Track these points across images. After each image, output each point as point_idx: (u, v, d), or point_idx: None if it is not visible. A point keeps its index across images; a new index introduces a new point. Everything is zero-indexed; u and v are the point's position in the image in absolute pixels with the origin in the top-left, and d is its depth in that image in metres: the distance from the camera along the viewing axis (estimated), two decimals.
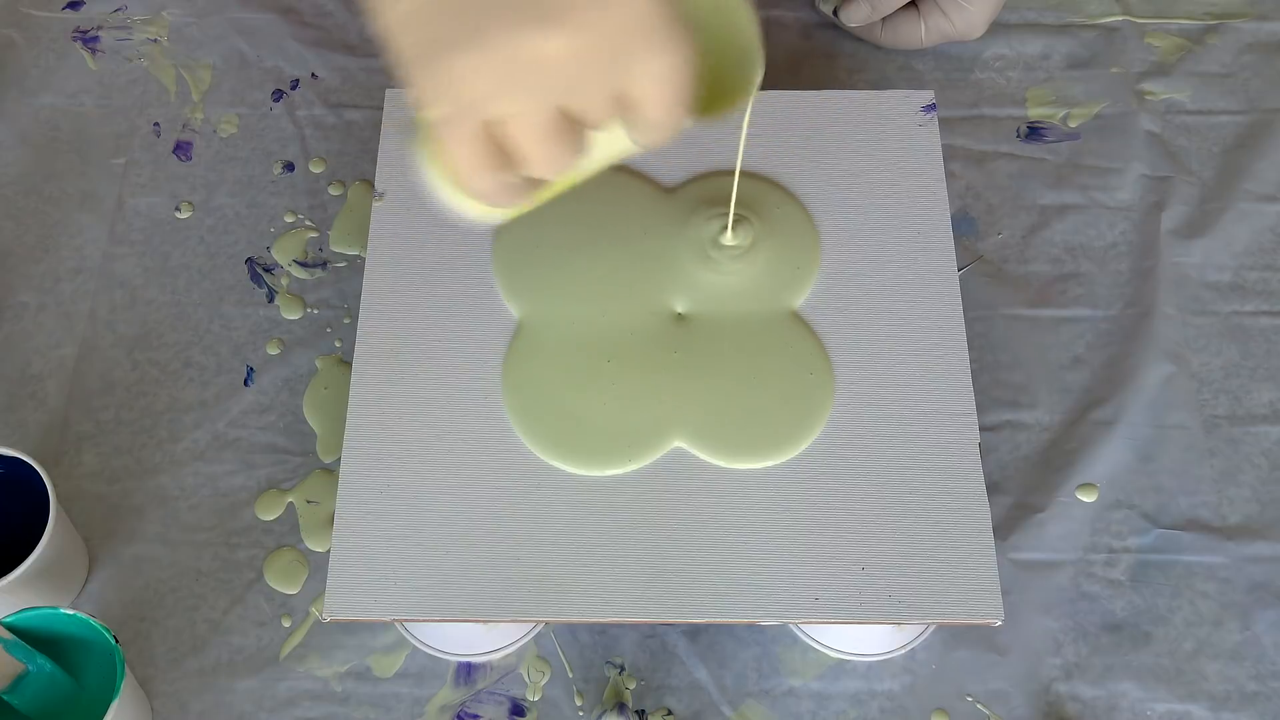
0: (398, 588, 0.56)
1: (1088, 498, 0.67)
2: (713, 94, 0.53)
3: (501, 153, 0.46)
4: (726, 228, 0.64)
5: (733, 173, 0.67)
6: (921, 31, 0.78)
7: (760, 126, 0.68)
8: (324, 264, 0.74)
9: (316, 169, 0.77)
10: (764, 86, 0.69)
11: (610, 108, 0.45)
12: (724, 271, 0.64)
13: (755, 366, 0.62)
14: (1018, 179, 0.76)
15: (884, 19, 0.79)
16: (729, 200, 0.64)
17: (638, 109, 0.45)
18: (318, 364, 0.71)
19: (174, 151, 0.78)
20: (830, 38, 0.82)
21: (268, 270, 0.73)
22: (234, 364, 0.71)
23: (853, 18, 0.79)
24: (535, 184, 0.48)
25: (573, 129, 0.45)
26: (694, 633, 0.64)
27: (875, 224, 0.65)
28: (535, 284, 0.64)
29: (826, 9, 0.81)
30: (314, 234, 0.75)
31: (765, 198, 0.66)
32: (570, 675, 0.63)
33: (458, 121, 0.45)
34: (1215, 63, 0.80)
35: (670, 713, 0.62)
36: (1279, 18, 0.82)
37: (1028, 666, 0.63)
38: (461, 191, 0.49)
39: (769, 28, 0.82)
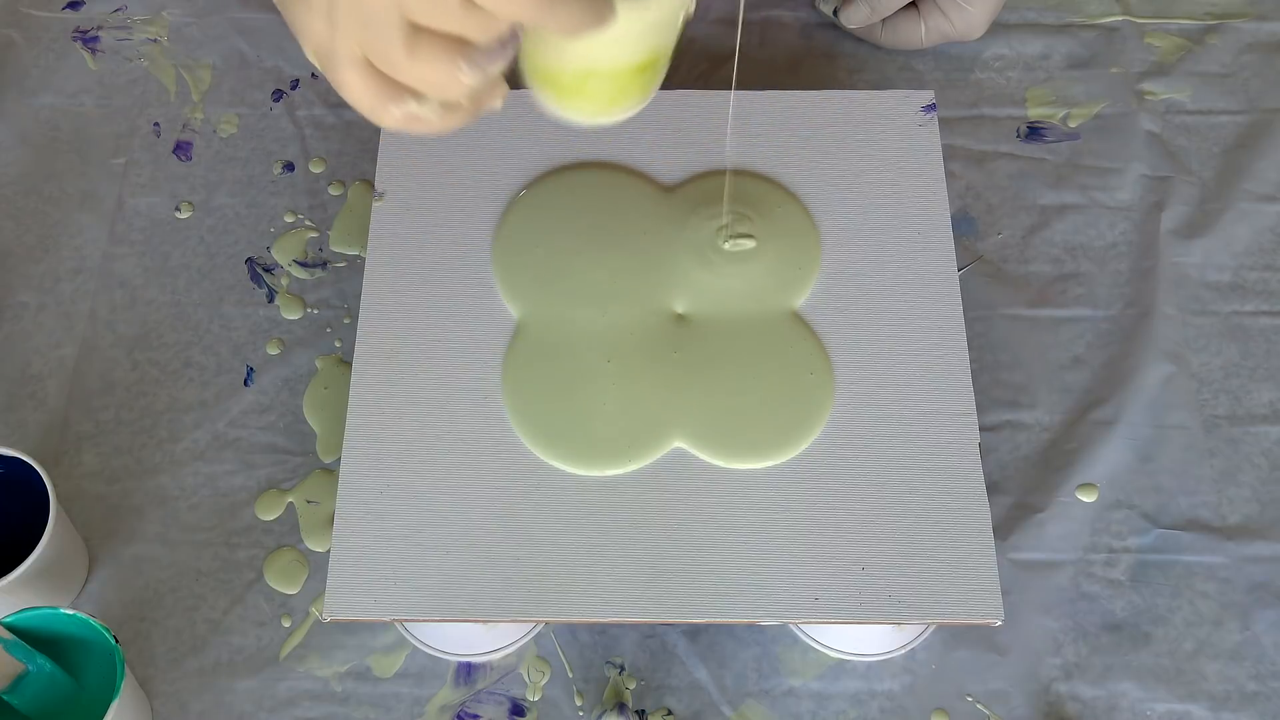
0: (398, 588, 0.56)
1: (1088, 498, 0.67)
2: None
3: (392, 84, 0.44)
4: (729, 235, 0.64)
5: (735, 170, 0.67)
6: (921, 32, 0.78)
7: (760, 126, 0.68)
8: (324, 264, 0.74)
9: (316, 169, 0.77)
10: (764, 86, 0.70)
11: (466, 11, 0.41)
12: (724, 273, 0.64)
13: (755, 367, 0.62)
14: (1018, 179, 0.76)
15: (884, 19, 0.79)
16: (719, 194, 0.64)
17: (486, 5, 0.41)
18: (318, 364, 0.71)
19: (174, 151, 0.78)
20: (830, 38, 0.82)
21: (268, 270, 0.73)
22: (234, 364, 0.71)
23: (852, 19, 0.79)
24: (454, 106, 0.45)
25: (442, 43, 0.42)
26: (694, 633, 0.64)
27: (875, 224, 0.65)
28: (535, 284, 0.64)
29: (826, 9, 0.81)
30: (314, 234, 0.75)
31: (766, 198, 0.66)
32: (570, 675, 0.63)
33: (327, 69, 0.44)
34: (1215, 63, 0.80)
35: (670, 713, 0.62)
36: (1279, 18, 0.82)
37: (1028, 666, 0.63)
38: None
39: (769, 27, 0.83)
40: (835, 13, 0.80)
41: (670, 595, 0.56)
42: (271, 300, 0.72)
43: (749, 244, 0.64)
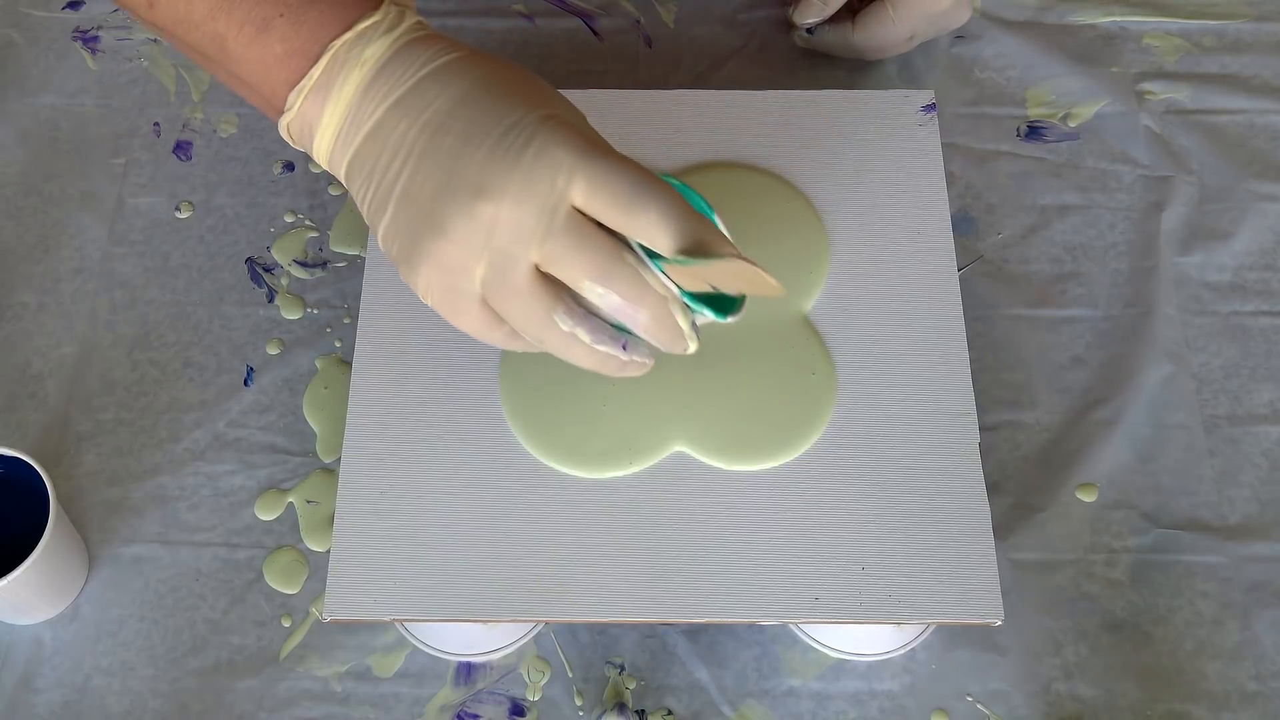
0: (398, 588, 0.56)
1: (1088, 498, 0.67)
2: None
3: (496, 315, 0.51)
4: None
5: (729, 165, 0.67)
6: (891, 15, 0.74)
7: (761, 126, 0.68)
8: (324, 264, 0.74)
9: (316, 169, 0.77)
10: (764, 86, 0.70)
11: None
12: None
13: (757, 368, 0.61)
14: (1018, 179, 0.76)
15: (856, 18, 0.76)
16: (728, 193, 0.64)
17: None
18: (318, 364, 0.71)
19: (174, 151, 0.78)
20: None
21: (268, 270, 0.73)
22: (234, 364, 0.71)
23: (805, 15, 0.76)
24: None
25: (550, 288, 0.50)
26: (694, 633, 0.64)
27: (875, 224, 0.65)
28: None
29: (801, 31, 0.79)
30: (314, 234, 0.75)
31: (769, 195, 0.66)
32: (570, 675, 0.63)
33: (447, 307, 0.52)
34: (1215, 63, 0.80)
35: (670, 713, 0.62)
36: (1279, 18, 0.82)
37: (1028, 666, 0.63)
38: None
39: (769, 26, 0.82)
40: (810, 32, 0.78)
41: (670, 595, 0.56)
42: (271, 300, 0.72)
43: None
